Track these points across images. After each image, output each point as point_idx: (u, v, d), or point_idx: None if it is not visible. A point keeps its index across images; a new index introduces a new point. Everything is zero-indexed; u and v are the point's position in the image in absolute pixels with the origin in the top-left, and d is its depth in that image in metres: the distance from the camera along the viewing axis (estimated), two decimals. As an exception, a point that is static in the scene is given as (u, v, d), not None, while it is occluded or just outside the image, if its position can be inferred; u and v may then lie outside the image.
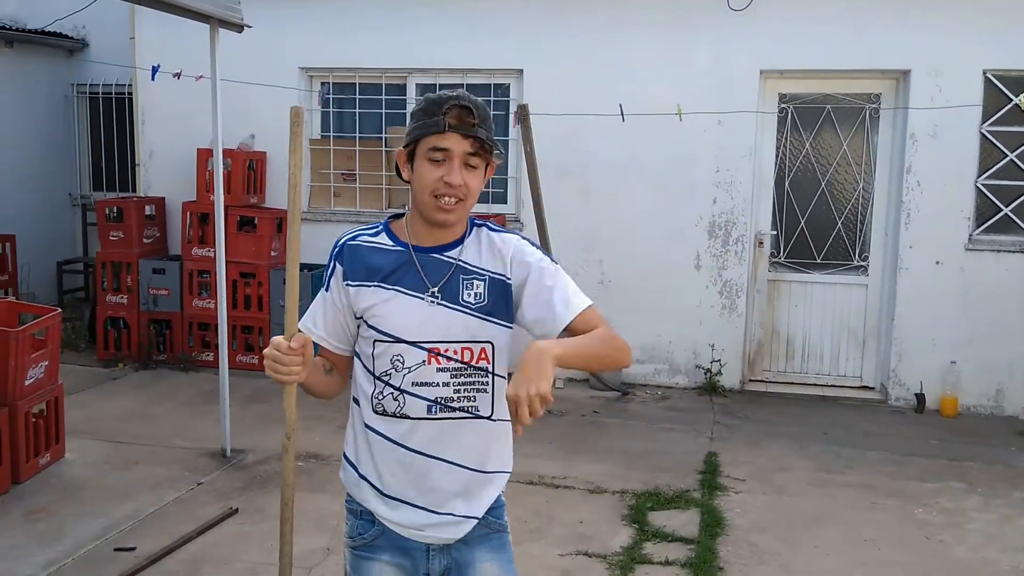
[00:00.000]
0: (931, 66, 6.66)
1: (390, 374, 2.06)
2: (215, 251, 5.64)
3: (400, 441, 2.08)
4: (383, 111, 7.64)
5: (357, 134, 7.70)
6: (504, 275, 2.08)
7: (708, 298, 7.21)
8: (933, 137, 6.70)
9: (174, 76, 6.16)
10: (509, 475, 2.24)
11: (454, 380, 2.06)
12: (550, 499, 4.99)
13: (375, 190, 7.68)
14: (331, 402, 2.36)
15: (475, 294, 2.06)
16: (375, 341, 2.07)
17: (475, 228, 2.14)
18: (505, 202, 7.59)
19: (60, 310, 5.49)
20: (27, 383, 5.03)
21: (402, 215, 2.16)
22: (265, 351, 1.99)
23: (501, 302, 2.08)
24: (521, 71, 7.31)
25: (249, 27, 5.37)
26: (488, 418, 2.11)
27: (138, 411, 6.38)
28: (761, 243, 7.24)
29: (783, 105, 7.14)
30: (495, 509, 2.19)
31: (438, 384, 2.06)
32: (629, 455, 5.72)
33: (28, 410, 5.04)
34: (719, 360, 7.20)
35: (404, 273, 2.06)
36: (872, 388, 7.22)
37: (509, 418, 1.99)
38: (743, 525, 4.68)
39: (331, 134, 7.75)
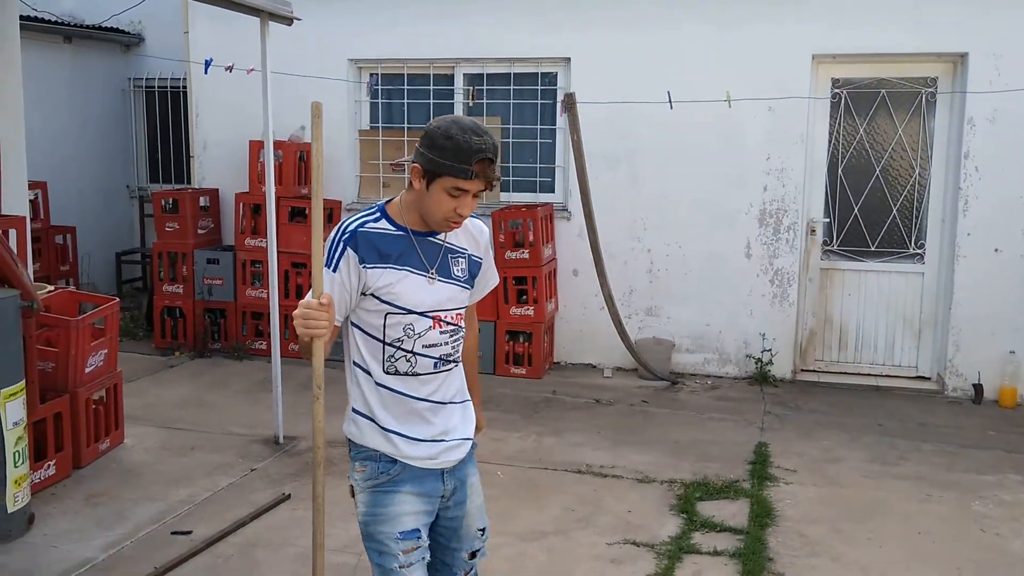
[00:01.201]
0: (990, 49, 6.48)
1: (402, 340, 2.44)
2: (267, 242, 5.72)
3: (412, 394, 2.48)
4: (431, 101, 7.67)
5: (406, 124, 7.74)
6: (481, 257, 2.59)
7: (759, 287, 7.13)
8: (992, 122, 6.53)
9: (226, 69, 6.26)
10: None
11: (451, 339, 2.50)
12: (598, 488, 4.99)
13: (424, 180, 7.71)
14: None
15: (461, 269, 2.52)
16: (387, 314, 2.42)
17: None
18: (553, 191, 7.58)
19: (118, 299, 5.62)
20: (87, 371, 5.17)
21: (392, 200, 2.50)
22: (296, 312, 2.29)
23: (473, 274, 2.58)
24: (568, 59, 7.28)
25: (299, 20, 5.44)
26: (459, 362, 2.60)
27: (194, 398, 6.52)
28: (813, 231, 7.13)
29: (836, 90, 7.01)
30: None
31: (441, 344, 2.48)
32: (678, 445, 5.69)
33: (88, 397, 5.18)
34: (770, 349, 7.12)
35: (408, 255, 2.43)
36: (928, 378, 7.08)
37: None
38: (794, 516, 4.63)
39: (380, 125, 7.81)
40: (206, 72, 6.27)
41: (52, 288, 5.56)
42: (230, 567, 4.02)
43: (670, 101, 6.46)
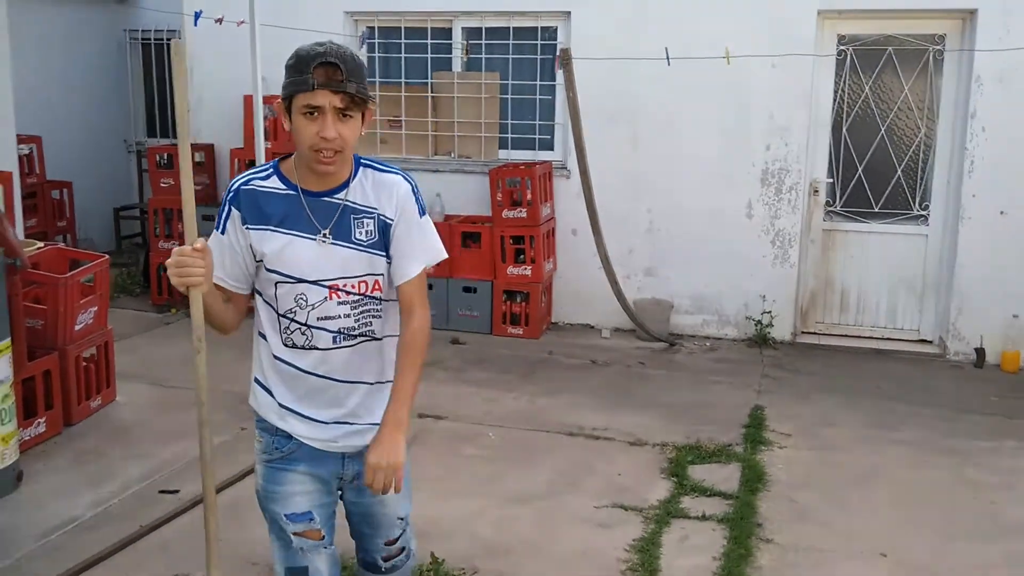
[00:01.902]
0: (999, 5, 6.30)
1: (295, 311, 2.23)
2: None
3: (311, 370, 2.27)
4: (429, 56, 7.53)
5: (403, 79, 7.61)
6: (391, 217, 2.25)
7: (760, 248, 7.03)
8: (1000, 81, 6.37)
9: (216, 22, 6.14)
10: None
11: (354, 311, 2.25)
12: (589, 450, 4.96)
13: (421, 136, 7.61)
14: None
15: (366, 232, 2.22)
16: (277, 282, 2.22)
17: (361, 168, 2.26)
18: (552, 149, 7.46)
19: (108, 256, 5.56)
20: (77, 328, 5.13)
21: (290, 155, 2.26)
22: (168, 261, 2.11)
23: (385, 239, 2.26)
24: (569, 13, 7.12)
25: (288, -29, 5.30)
26: (379, 338, 2.32)
27: (188, 356, 6.43)
28: (816, 191, 7.02)
29: (842, 47, 6.85)
30: None
31: (340, 316, 2.24)
32: (672, 407, 5.65)
33: (79, 354, 5.15)
34: (770, 311, 7.05)
35: (296, 217, 2.19)
36: (930, 342, 7.01)
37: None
38: (786, 481, 4.59)
39: (377, 80, 7.67)
40: (195, 24, 6.15)
41: (41, 245, 5.50)
42: (216, 527, 4.01)
43: (668, 58, 6.31)
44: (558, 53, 6.07)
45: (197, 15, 6.09)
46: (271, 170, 2.24)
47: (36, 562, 3.65)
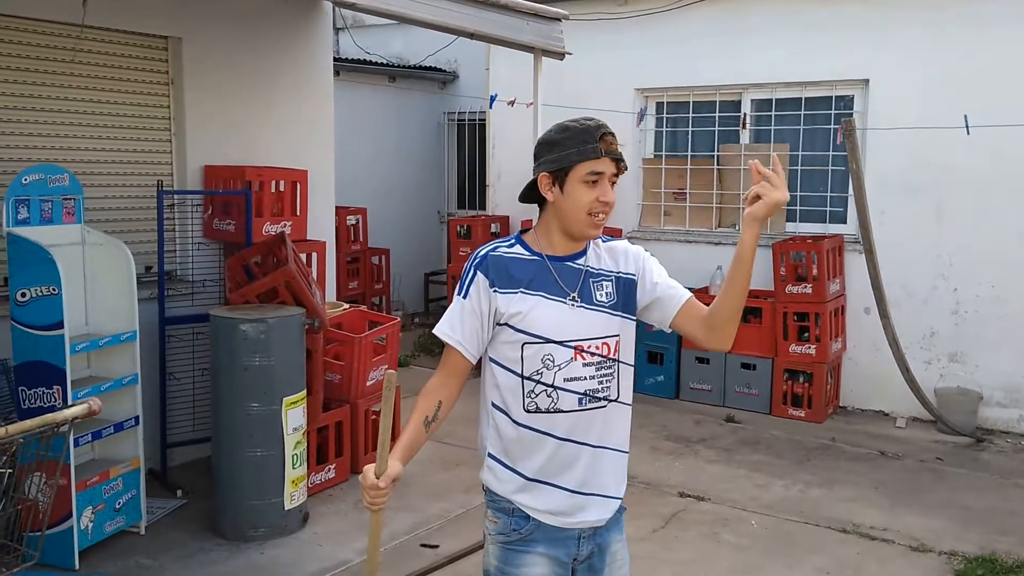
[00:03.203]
0: None
1: (541, 372, 2.26)
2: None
3: (553, 432, 2.27)
4: (716, 128, 7.48)
5: (689, 152, 7.61)
6: (631, 273, 2.34)
7: (1093, 336, 6.12)
8: None
9: (508, 104, 6.55)
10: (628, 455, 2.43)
11: (598, 373, 2.28)
12: (862, 551, 4.54)
13: (705, 209, 7.53)
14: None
15: (606, 293, 2.31)
16: (524, 344, 2.26)
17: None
18: (844, 222, 7.06)
19: (399, 320, 6.04)
20: (368, 384, 5.61)
21: (528, 230, 2.39)
22: (361, 479, 2.22)
23: (628, 298, 2.33)
24: (867, 81, 6.76)
25: (569, 54, 5.56)
26: (616, 401, 2.33)
27: (471, 415, 6.78)
28: None
29: None
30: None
31: (585, 378, 2.27)
32: (968, 512, 5.03)
33: (368, 408, 5.62)
34: (1105, 410, 6.09)
35: (543, 280, 2.28)
36: None
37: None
38: (1100, 614, 3.91)
39: (663, 153, 7.74)
40: (491, 106, 6.60)
41: (347, 307, 6.11)
42: (464, 585, 4.16)
43: (967, 126, 5.75)
44: (840, 123, 5.76)
45: (492, 98, 6.55)
46: (514, 240, 2.36)
47: (304, 598, 4.01)
